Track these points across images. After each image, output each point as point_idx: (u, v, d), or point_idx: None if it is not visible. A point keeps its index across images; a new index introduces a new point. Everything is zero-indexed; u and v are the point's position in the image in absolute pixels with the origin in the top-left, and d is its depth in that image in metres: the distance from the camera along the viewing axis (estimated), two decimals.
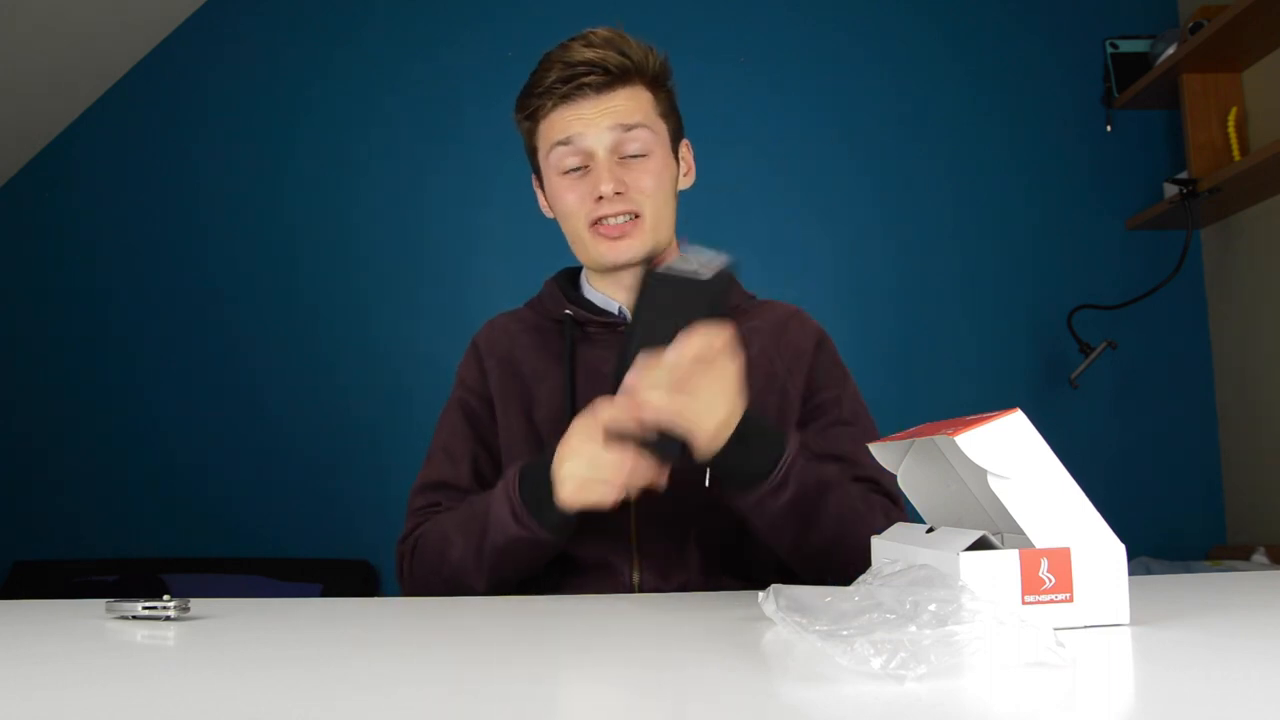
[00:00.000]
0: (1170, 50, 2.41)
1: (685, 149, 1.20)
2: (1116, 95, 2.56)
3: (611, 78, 1.08)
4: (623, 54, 1.08)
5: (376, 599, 0.93)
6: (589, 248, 1.12)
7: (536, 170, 1.18)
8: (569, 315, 1.16)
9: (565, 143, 1.09)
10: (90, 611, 0.86)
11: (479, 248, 2.66)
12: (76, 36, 2.50)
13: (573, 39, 1.11)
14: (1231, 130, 2.36)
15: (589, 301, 1.19)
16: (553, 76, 1.08)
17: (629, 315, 1.12)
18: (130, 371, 2.67)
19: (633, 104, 1.09)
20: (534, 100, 1.11)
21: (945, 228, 2.61)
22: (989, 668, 0.52)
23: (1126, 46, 2.59)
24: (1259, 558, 2.18)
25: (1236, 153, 2.34)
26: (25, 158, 2.71)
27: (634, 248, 1.10)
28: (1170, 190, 2.38)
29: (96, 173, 2.73)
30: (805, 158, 2.64)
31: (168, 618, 0.80)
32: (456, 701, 0.53)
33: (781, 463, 0.95)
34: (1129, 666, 0.58)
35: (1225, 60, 2.36)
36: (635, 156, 1.10)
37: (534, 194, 1.22)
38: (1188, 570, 2.14)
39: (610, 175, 1.07)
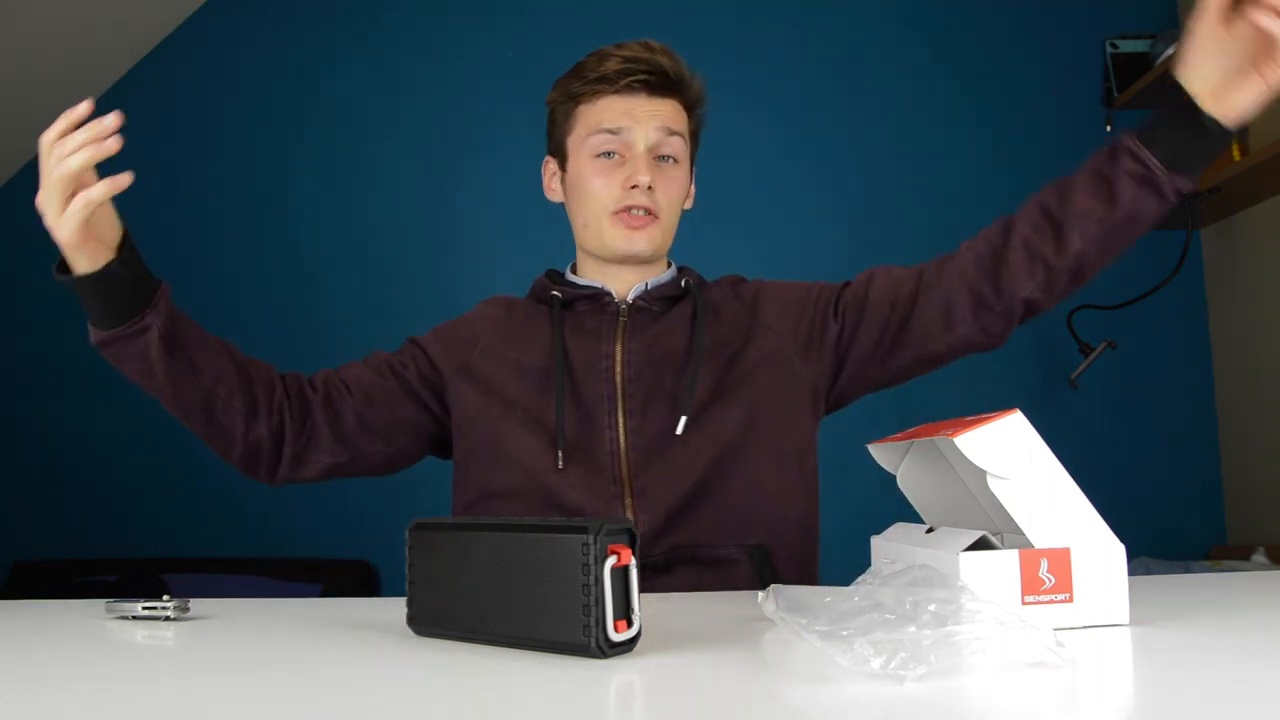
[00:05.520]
0: (1170, 50, 2.41)
1: (693, 172, 1.25)
2: (1117, 95, 2.56)
3: (664, 84, 1.15)
4: (677, 66, 1.16)
5: (376, 599, 0.93)
6: (604, 233, 1.16)
7: (557, 151, 1.22)
8: (557, 295, 1.19)
9: (612, 131, 1.14)
10: (90, 611, 0.86)
11: (482, 246, 2.66)
12: (79, 32, 2.50)
13: (629, 42, 1.17)
14: None
15: (575, 284, 1.22)
16: (612, 66, 1.14)
17: (616, 297, 1.18)
18: None
19: (675, 115, 1.17)
20: (586, 85, 1.15)
21: (944, 228, 2.59)
22: (989, 668, 0.52)
23: (1126, 46, 2.59)
24: (1259, 558, 2.18)
25: (1236, 153, 2.34)
26: (28, 155, 2.71)
27: (648, 242, 1.15)
28: None
29: (99, 170, 2.72)
30: (805, 158, 2.64)
31: (167, 618, 0.80)
32: (456, 700, 0.53)
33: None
34: (1129, 666, 0.58)
35: None
36: (666, 159, 1.16)
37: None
38: (1188, 570, 2.14)
39: (648, 169, 1.13)
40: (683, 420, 1.07)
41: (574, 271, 1.25)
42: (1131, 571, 0.69)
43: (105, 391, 2.67)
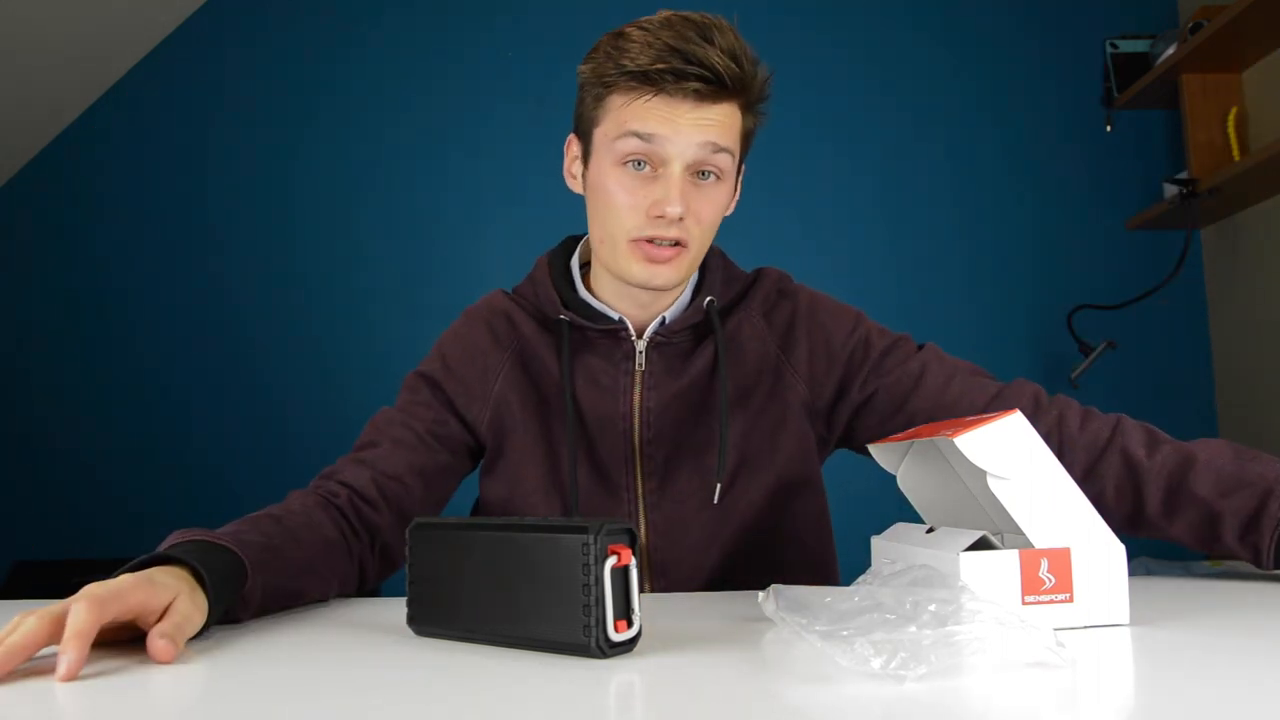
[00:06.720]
0: (1170, 50, 2.41)
1: (740, 173, 1.10)
2: (1116, 95, 2.56)
3: (718, 91, 0.97)
4: (739, 68, 0.97)
5: (376, 599, 0.94)
6: (621, 260, 1.01)
7: (583, 134, 1.05)
8: (566, 320, 1.08)
9: (644, 137, 0.96)
10: None
11: (484, 246, 2.66)
12: (79, 32, 2.50)
13: (691, 27, 0.97)
14: (1231, 130, 2.36)
15: (586, 305, 1.09)
16: (662, 64, 0.94)
17: (630, 326, 1.08)
18: (132, 371, 2.67)
19: (726, 124, 0.99)
20: (626, 77, 0.96)
21: (945, 228, 2.61)
22: (989, 668, 0.52)
23: (1126, 46, 2.59)
24: None
25: (1236, 153, 2.34)
26: (30, 154, 2.71)
27: (672, 276, 1.01)
28: (1170, 190, 2.38)
29: (101, 169, 2.73)
30: (805, 158, 2.64)
31: None
32: (456, 700, 0.53)
33: None
34: (1129, 666, 0.58)
35: (1225, 60, 2.36)
36: (707, 175, 1.00)
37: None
38: (1187, 570, 2.12)
39: (681, 197, 0.97)
40: (717, 488, 1.04)
41: (586, 276, 1.13)
42: (1131, 572, 0.69)
43: (105, 392, 2.68)
